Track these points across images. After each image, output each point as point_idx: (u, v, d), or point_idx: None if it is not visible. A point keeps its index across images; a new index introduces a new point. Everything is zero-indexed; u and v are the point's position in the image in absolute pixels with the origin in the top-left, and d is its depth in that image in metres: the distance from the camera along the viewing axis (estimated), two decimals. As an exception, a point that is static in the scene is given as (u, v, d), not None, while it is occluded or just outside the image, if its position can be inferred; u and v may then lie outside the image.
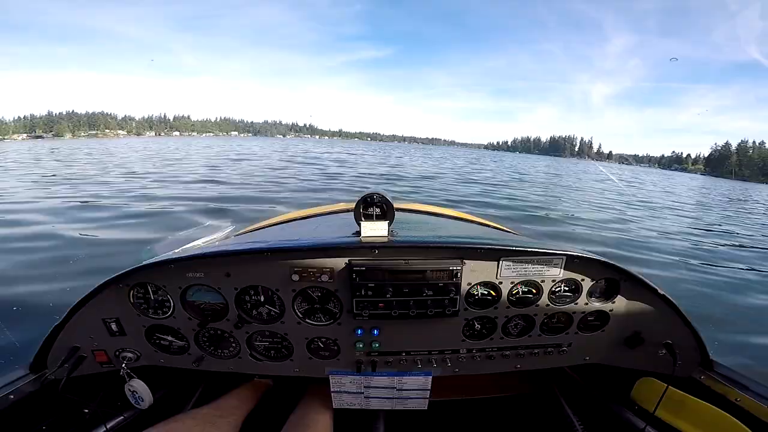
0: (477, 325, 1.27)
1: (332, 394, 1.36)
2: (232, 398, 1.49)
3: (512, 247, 1.14)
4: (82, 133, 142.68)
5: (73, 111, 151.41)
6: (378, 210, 1.11)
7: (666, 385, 1.22)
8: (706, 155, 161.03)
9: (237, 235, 1.87)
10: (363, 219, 1.12)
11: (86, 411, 1.25)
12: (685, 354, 1.24)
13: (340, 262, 1.12)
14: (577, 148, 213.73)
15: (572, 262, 1.19)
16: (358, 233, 1.13)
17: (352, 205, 1.14)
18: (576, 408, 1.67)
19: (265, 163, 20.31)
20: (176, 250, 1.35)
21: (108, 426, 1.29)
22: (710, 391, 1.20)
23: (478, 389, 1.83)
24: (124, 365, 1.24)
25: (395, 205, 1.13)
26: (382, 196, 1.10)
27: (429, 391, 1.35)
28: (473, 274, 1.17)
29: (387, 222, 1.12)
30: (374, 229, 1.12)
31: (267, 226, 1.98)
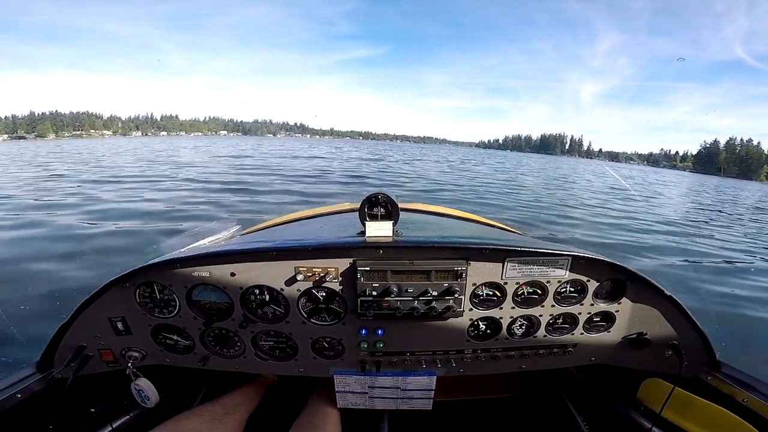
0: (482, 326, 1.27)
1: (337, 393, 1.36)
2: (238, 396, 1.49)
3: (517, 247, 1.14)
4: (66, 134, 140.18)
5: (56, 111, 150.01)
6: (383, 210, 1.12)
7: (672, 385, 1.21)
8: (693, 152, 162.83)
9: (242, 234, 1.87)
10: (368, 219, 1.12)
11: (92, 410, 1.26)
12: (691, 355, 1.23)
13: (344, 262, 1.13)
14: (567, 146, 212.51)
15: (578, 263, 1.18)
16: (363, 233, 1.13)
17: (357, 205, 1.14)
18: (581, 408, 1.66)
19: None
20: (182, 250, 1.36)
21: (114, 425, 1.30)
22: (717, 392, 1.19)
23: (482, 389, 1.83)
24: (130, 364, 1.24)
25: (400, 206, 1.13)
26: (387, 196, 1.10)
27: (433, 391, 1.35)
28: (478, 274, 1.17)
29: (392, 222, 1.12)
30: (379, 229, 1.12)
31: (272, 226, 1.98)
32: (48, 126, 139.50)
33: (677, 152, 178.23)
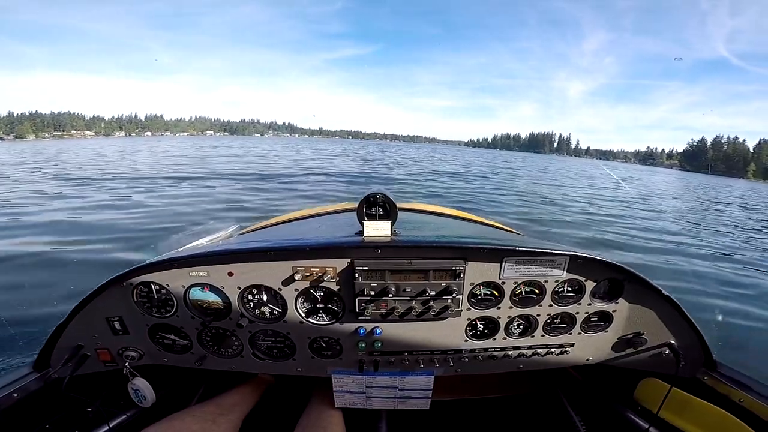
0: (480, 325, 1.27)
1: (335, 393, 1.36)
2: (234, 395, 1.49)
3: (515, 247, 1.14)
4: (46, 134, 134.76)
5: (36, 111, 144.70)
6: (381, 209, 1.12)
7: (669, 385, 1.22)
8: (679, 150, 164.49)
9: (240, 234, 1.87)
10: (366, 218, 1.12)
11: (89, 409, 1.26)
12: (688, 355, 1.23)
13: (342, 262, 1.12)
14: (555, 145, 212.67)
15: (575, 263, 1.18)
16: (361, 233, 1.13)
17: (355, 205, 1.14)
18: (579, 408, 1.66)
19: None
20: (179, 249, 1.36)
21: (111, 425, 1.29)
22: (714, 392, 1.20)
23: (480, 389, 1.83)
24: (127, 364, 1.24)
25: (398, 205, 1.13)
26: (385, 196, 1.10)
27: (431, 391, 1.35)
28: (476, 274, 1.17)
29: (390, 222, 1.12)
30: (377, 229, 1.12)
31: (270, 226, 1.98)
32: (27, 126, 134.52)
33: (663, 150, 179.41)
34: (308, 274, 1.13)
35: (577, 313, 1.26)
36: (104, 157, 22.98)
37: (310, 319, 1.21)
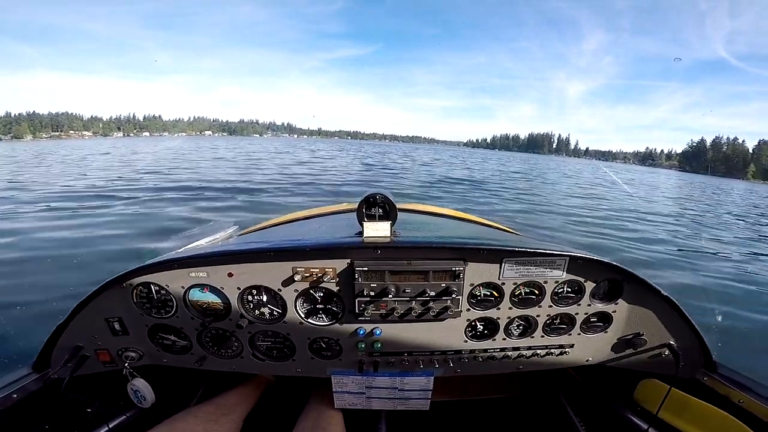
0: (479, 326, 1.27)
1: (334, 394, 1.36)
2: (234, 395, 1.49)
3: (515, 248, 1.14)
4: (44, 135, 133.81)
5: (34, 112, 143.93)
6: (380, 210, 1.12)
7: (669, 386, 1.22)
8: (678, 151, 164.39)
9: (240, 234, 1.87)
10: (366, 219, 1.12)
11: (89, 410, 1.26)
12: (688, 355, 1.24)
13: (342, 263, 1.13)
14: (554, 145, 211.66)
15: (575, 264, 1.18)
16: (361, 233, 1.13)
17: (355, 206, 1.14)
18: (578, 409, 1.66)
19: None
20: (179, 250, 1.36)
21: (110, 425, 1.29)
22: (713, 393, 1.20)
23: (480, 390, 1.83)
24: (126, 364, 1.24)
25: (398, 206, 1.13)
26: (385, 197, 1.10)
27: (431, 392, 1.35)
28: (476, 274, 1.17)
29: (389, 222, 1.12)
30: (377, 230, 1.13)
31: (270, 226, 1.98)
32: (25, 127, 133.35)
33: (662, 151, 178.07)
34: (308, 274, 1.13)
35: (577, 313, 1.26)
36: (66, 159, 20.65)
37: (309, 320, 1.21)
